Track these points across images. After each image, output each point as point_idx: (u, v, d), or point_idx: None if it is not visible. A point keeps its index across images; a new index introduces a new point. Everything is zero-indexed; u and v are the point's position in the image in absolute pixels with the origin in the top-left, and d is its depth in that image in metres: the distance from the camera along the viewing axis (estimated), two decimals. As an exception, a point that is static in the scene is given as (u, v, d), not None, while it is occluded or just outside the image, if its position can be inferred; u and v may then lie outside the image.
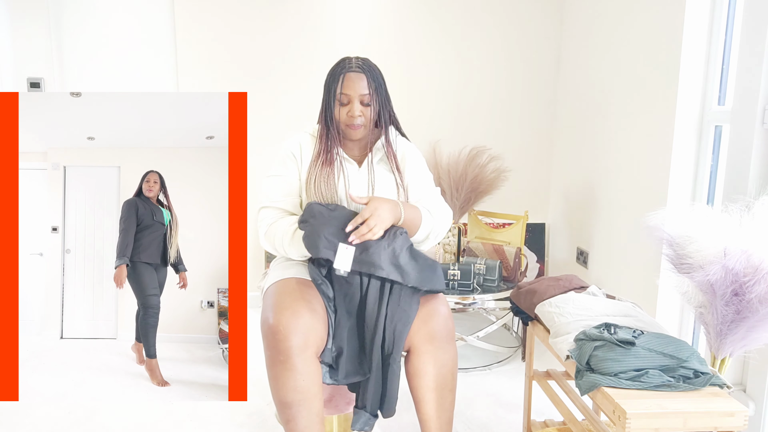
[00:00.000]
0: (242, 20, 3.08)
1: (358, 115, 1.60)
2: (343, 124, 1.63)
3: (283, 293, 1.49)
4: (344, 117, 1.62)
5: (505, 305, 2.50)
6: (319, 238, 1.47)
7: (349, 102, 1.61)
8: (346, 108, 1.61)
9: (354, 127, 1.62)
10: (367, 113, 1.62)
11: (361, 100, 1.61)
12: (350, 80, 1.60)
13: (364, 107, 1.61)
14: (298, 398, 1.42)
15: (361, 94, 1.60)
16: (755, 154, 1.65)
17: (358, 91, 1.60)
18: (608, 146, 2.63)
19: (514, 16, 3.18)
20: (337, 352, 1.52)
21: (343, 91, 1.60)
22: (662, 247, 1.49)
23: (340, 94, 1.60)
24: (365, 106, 1.62)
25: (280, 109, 3.17)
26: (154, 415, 2.10)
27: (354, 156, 1.72)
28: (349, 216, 1.53)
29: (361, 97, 1.60)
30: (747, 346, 1.39)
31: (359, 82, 1.60)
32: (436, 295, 1.55)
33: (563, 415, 1.65)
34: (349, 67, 1.61)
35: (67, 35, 2.99)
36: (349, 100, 1.60)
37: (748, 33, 1.68)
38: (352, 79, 1.60)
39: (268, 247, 1.66)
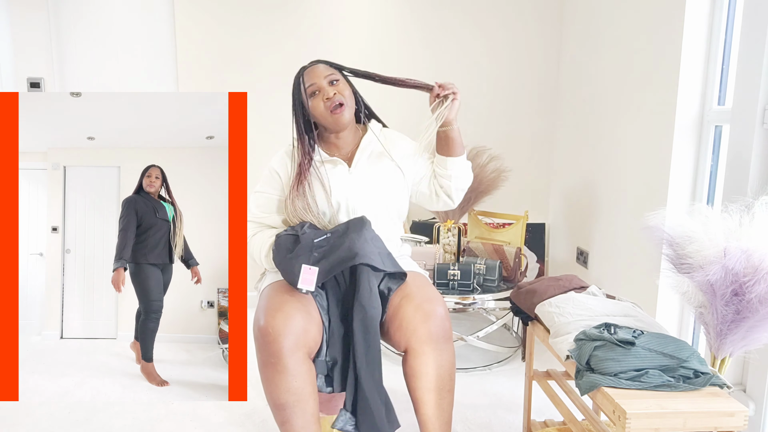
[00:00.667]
0: (242, 20, 3.08)
1: (333, 94, 1.61)
2: (326, 113, 1.62)
3: (276, 295, 1.49)
4: (321, 105, 1.62)
5: (505, 305, 2.50)
6: (290, 273, 1.48)
7: (319, 89, 1.62)
8: (318, 97, 1.62)
9: (337, 111, 1.62)
10: (341, 90, 1.63)
11: (329, 81, 1.62)
12: (310, 72, 1.64)
13: (334, 86, 1.63)
14: (291, 399, 1.41)
15: (324, 75, 1.62)
16: (755, 154, 1.65)
17: (320, 75, 1.62)
18: (608, 146, 2.63)
19: (515, 16, 3.18)
20: (332, 362, 1.52)
21: (308, 84, 1.63)
22: (662, 247, 1.48)
23: (307, 88, 1.63)
24: (334, 85, 1.63)
25: (280, 109, 3.16)
26: (154, 415, 2.10)
27: (343, 156, 1.71)
28: (316, 235, 1.54)
29: (327, 78, 1.62)
30: (747, 346, 1.39)
31: (318, 69, 1.64)
32: (433, 297, 1.55)
33: (563, 415, 1.65)
34: (305, 66, 1.67)
35: (67, 35, 2.99)
36: (318, 87, 1.62)
37: (748, 33, 1.68)
38: (312, 71, 1.64)
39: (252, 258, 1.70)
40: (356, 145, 1.72)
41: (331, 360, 1.52)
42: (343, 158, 1.70)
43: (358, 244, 1.48)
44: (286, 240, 1.56)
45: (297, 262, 1.47)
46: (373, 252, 1.49)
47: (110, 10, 3.01)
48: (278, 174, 1.70)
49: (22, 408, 2.13)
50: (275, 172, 1.70)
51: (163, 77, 3.09)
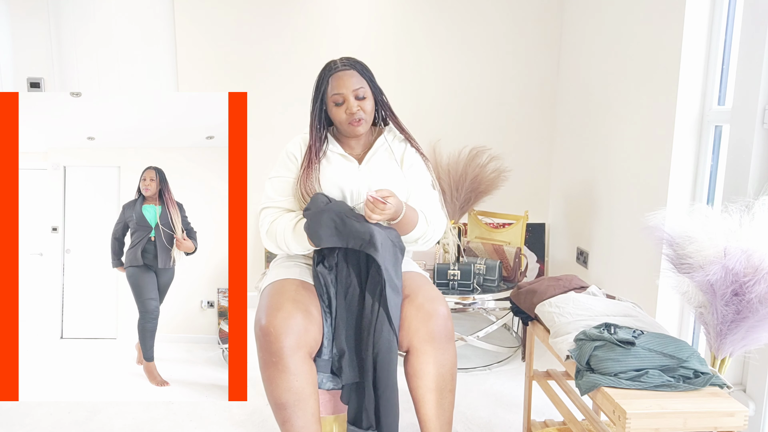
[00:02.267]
0: (242, 20, 3.08)
1: (357, 110, 1.60)
2: (345, 123, 1.63)
3: (277, 294, 1.49)
4: (343, 116, 1.62)
5: (505, 305, 2.50)
6: (321, 226, 1.49)
7: (344, 101, 1.61)
8: (342, 107, 1.61)
9: (356, 123, 1.62)
10: (365, 106, 1.62)
11: (355, 95, 1.61)
12: (339, 79, 1.60)
13: (359, 101, 1.62)
14: (292, 399, 1.41)
15: (353, 89, 1.60)
16: (755, 154, 1.65)
17: (350, 87, 1.60)
18: (608, 146, 2.63)
19: (515, 16, 3.18)
20: (339, 354, 1.52)
21: (335, 92, 1.60)
22: (662, 247, 1.49)
23: (332, 95, 1.61)
24: (360, 100, 1.62)
25: (280, 108, 3.17)
26: (154, 415, 2.10)
27: (355, 154, 1.72)
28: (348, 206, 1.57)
29: (355, 92, 1.61)
30: (747, 346, 1.39)
31: (349, 78, 1.61)
32: (435, 296, 1.55)
33: (563, 415, 1.65)
34: (336, 67, 1.62)
35: (67, 35, 2.99)
36: (344, 98, 1.61)
37: (748, 33, 1.68)
38: (341, 78, 1.60)
39: (270, 246, 1.67)
40: (369, 146, 1.72)
41: (338, 352, 1.52)
42: (354, 156, 1.71)
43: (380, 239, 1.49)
44: (323, 198, 1.57)
45: (326, 214, 1.50)
46: (388, 260, 1.51)
47: (110, 10, 3.01)
48: (295, 157, 1.69)
49: (22, 408, 2.13)
50: (292, 155, 1.70)
51: (163, 77, 3.09)
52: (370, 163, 1.69)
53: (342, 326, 1.53)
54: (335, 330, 1.53)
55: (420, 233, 1.64)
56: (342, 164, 1.67)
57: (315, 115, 1.67)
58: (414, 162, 1.73)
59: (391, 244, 1.52)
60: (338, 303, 1.55)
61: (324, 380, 1.54)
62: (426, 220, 1.65)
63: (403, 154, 1.73)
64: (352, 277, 1.55)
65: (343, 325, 1.53)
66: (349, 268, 1.56)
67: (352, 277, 1.55)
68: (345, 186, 1.64)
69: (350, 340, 1.53)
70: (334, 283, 1.56)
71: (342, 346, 1.52)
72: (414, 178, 1.72)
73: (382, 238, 1.49)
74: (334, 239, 1.50)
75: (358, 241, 1.48)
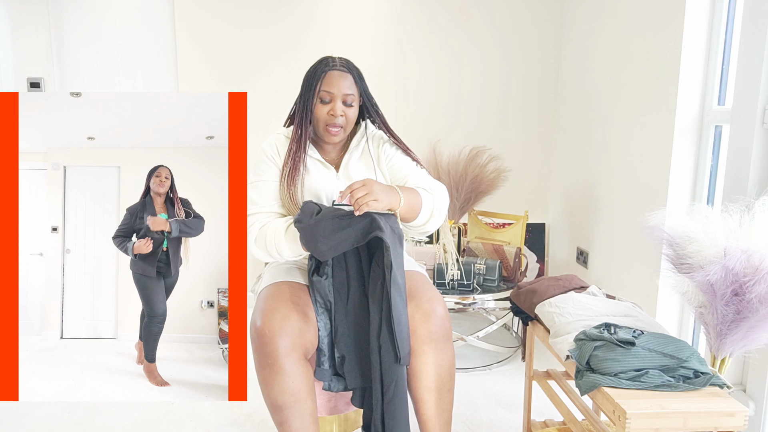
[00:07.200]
0: (242, 20, 3.08)
1: (340, 115, 1.57)
2: (323, 123, 1.58)
3: (273, 297, 1.48)
4: (324, 116, 1.57)
5: (505, 305, 2.50)
6: (319, 240, 1.44)
7: (332, 100, 1.56)
8: (327, 106, 1.57)
9: (333, 127, 1.58)
10: (349, 114, 1.58)
11: (344, 100, 1.57)
12: (333, 78, 1.56)
13: (346, 107, 1.58)
14: (289, 400, 1.41)
15: (344, 93, 1.56)
16: (755, 154, 1.65)
17: (341, 89, 1.56)
18: (608, 146, 2.63)
19: (514, 16, 3.18)
20: (342, 358, 1.52)
21: (325, 89, 1.56)
22: (662, 247, 1.49)
23: (321, 91, 1.56)
24: (347, 106, 1.58)
25: (280, 109, 3.16)
26: (154, 415, 2.10)
27: (331, 160, 1.69)
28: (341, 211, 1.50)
29: (344, 96, 1.57)
30: (747, 346, 1.39)
31: (343, 81, 1.57)
32: (433, 296, 1.54)
33: (563, 415, 1.65)
34: (333, 65, 1.58)
35: (67, 35, 2.99)
36: (332, 98, 1.56)
37: (748, 33, 1.68)
38: (335, 77, 1.56)
39: (259, 253, 1.60)
40: (345, 148, 1.69)
41: (340, 356, 1.51)
42: (331, 161, 1.68)
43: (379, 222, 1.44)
44: (312, 206, 1.50)
45: (321, 224, 1.43)
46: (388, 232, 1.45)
47: (110, 10, 3.01)
48: (273, 158, 1.65)
49: (22, 408, 2.13)
50: (271, 157, 1.65)
51: (163, 77, 3.09)
52: (348, 169, 1.66)
53: (342, 332, 1.52)
54: (336, 334, 1.52)
55: (429, 206, 1.57)
56: (321, 172, 1.64)
57: (301, 107, 1.60)
58: (391, 153, 1.69)
59: (391, 230, 1.47)
60: (337, 309, 1.53)
61: (333, 383, 1.53)
62: (427, 191, 1.59)
63: (378, 150, 1.69)
64: (351, 280, 1.54)
65: (343, 330, 1.52)
66: (347, 272, 1.53)
67: (351, 281, 1.54)
68: (324, 195, 1.62)
69: (350, 346, 1.52)
70: (331, 291, 1.52)
71: (342, 352, 1.51)
72: (397, 166, 1.67)
73: (383, 222, 1.45)
74: (341, 246, 1.44)
75: (362, 233, 1.43)
